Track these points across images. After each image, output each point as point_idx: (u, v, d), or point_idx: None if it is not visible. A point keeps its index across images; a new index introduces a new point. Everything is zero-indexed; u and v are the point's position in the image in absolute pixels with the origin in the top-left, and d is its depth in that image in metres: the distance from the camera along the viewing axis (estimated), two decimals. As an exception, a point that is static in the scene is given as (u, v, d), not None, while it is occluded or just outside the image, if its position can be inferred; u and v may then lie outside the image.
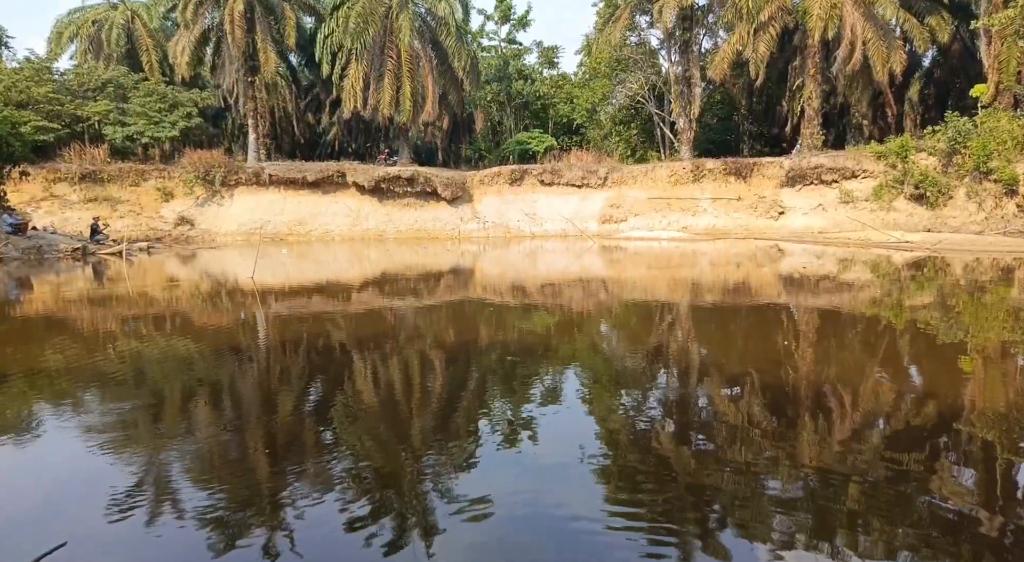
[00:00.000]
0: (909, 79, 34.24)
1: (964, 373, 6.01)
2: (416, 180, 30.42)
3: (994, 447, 4.12)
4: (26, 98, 29.10)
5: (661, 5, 30.43)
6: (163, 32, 37.49)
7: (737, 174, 29.27)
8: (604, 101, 39.11)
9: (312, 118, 43.39)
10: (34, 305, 11.28)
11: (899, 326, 8.55)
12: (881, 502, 3.34)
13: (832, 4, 28.08)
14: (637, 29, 35.91)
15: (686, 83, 32.77)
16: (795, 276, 14.37)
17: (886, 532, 3.05)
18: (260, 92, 33.74)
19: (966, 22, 30.80)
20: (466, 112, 41.66)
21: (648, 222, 29.36)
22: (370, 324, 9.18)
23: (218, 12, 32.40)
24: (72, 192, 28.68)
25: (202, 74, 36.26)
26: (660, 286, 13.38)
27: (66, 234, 24.39)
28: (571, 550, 2.93)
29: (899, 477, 3.64)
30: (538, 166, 32.15)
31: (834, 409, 4.96)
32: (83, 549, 2.98)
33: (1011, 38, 24.89)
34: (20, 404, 5.29)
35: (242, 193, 30.23)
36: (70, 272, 16.59)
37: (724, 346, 7.66)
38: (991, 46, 27.00)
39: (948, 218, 25.40)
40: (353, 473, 3.79)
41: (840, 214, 26.93)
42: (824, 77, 30.77)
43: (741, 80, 35.44)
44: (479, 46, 44.91)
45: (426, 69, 32.21)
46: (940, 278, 13.72)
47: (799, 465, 3.84)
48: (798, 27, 31.20)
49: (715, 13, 33.21)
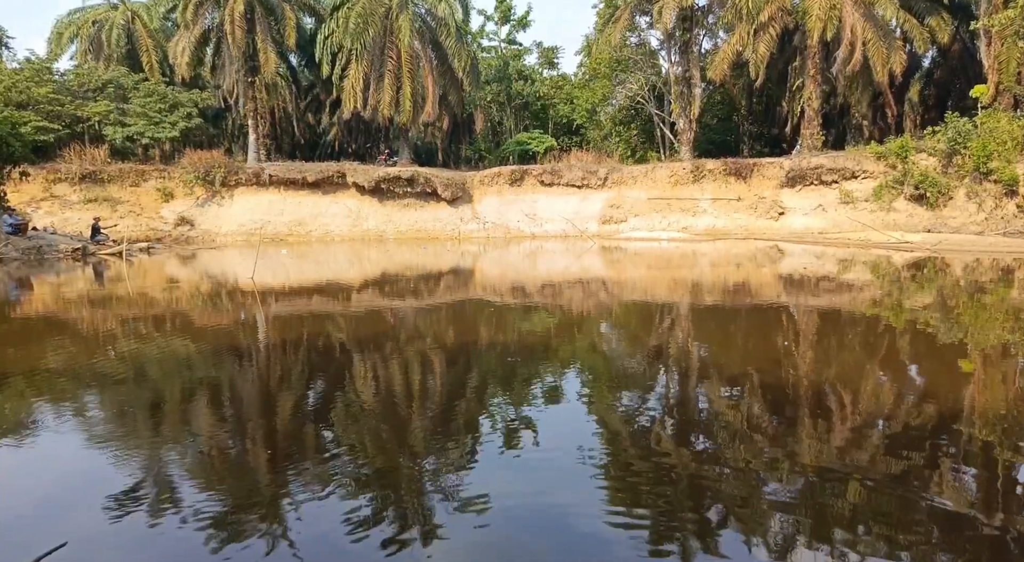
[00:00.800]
0: (909, 79, 34.25)
1: (964, 373, 6.01)
2: (416, 180, 30.42)
3: (994, 447, 4.12)
4: (26, 98, 29.11)
5: (661, 6, 30.43)
6: (163, 32, 37.49)
7: (737, 174, 29.27)
8: (604, 102, 39.13)
9: (312, 118, 43.40)
10: (34, 305, 11.28)
11: (899, 327, 8.55)
12: (881, 502, 3.34)
13: (832, 5, 28.08)
14: (637, 30, 35.92)
15: (686, 84, 32.78)
16: (795, 277, 14.37)
17: (886, 532, 3.05)
18: (260, 92, 33.75)
19: (966, 22, 30.80)
20: (466, 112, 41.66)
21: (648, 223, 29.35)
22: (370, 324, 9.18)
23: (218, 12, 32.40)
24: (72, 192, 28.69)
25: (202, 74, 36.25)
26: (660, 287, 13.38)
27: (66, 234, 24.39)
28: (571, 550, 2.93)
29: (899, 477, 3.64)
30: (538, 167, 32.14)
31: (834, 409, 4.96)
32: (83, 549, 2.98)
33: (1011, 38, 24.89)
34: (20, 404, 5.29)
35: (242, 193, 30.23)
36: (70, 272, 16.59)
37: (724, 346, 7.66)
38: (991, 46, 27.01)
39: (948, 219, 25.40)
40: (353, 473, 3.79)
41: (840, 214, 26.93)
42: (824, 77, 30.77)
43: (741, 80, 35.45)
44: (479, 46, 44.92)
45: (426, 69, 32.21)
46: (940, 279, 13.73)
47: (799, 465, 3.84)
48: (798, 28, 31.19)
49: (715, 14, 33.24)
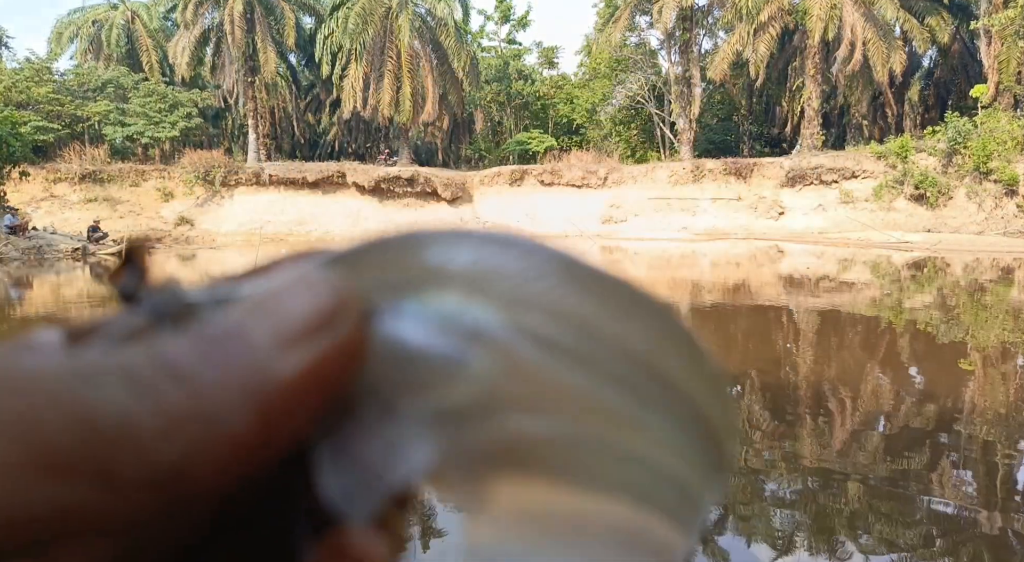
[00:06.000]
0: (909, 79, 34.25)
1: (964, 373, 6.01)
2: (416, 180, 30.42)
3: (994, 447, 4.12)
4: (26, 98, 29.11)
5: (661, 5, 30.43)
6: (163, 32, 37.52)
7: (737, 174, 29.26)
8: (604, 101, 39.11)
9: (312, 118, 43.41)
10: (34, 305, 11.28)
11: (899, 326, 8.55)
12: (881, 502, 3.34)
13: (832, 4, 28.08)
14: (637, 29, 35.91)
15: (686, 83, 32.77)
16: (795, 276, 14.37)
17: (886, 532, 3.05)
18: (260, 92, 33.76)
19: (966, 22, 30.80)
20: (466, 112, 41.65)
21: (648, 222, 29.34)
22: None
23: (218, 12, 32.42)
24: (72, 192, 28.68)
25: (202, 74, 36.27)
26: (660, 286, 13.38)
27: (66, 234, 24.39)
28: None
29: (898, 476, 3.64)
30: (538, 166, 32.13)
31: (833, 409, 4.96)
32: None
33: (1011, 38, 24.89)
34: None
35: (242, 193, 30.23)
36: (70, 272, 16.59)
37: (724, 346, 7.65)
38: (991, 46, 27.01)
39: (948, 218, 25.39)
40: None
41: (840, 214, 26.92)
42: (824, 77, 30.77)
43: (741, 80, 35.44)
44: (479, 46, 44.90)
45: (426, 69, 32.22)
46: (940, 278, 13.73)
47: (799, 464, 3.84)
48: (798, 27, 31.20)
49: (714, 16, 33.26)
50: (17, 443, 0.13)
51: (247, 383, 0.16)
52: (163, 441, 0.15)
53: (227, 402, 0.16)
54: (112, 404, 0.14)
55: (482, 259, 0.20)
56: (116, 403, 0.14)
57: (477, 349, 0.18)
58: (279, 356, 0.17)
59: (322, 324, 0.17)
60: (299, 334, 0.17)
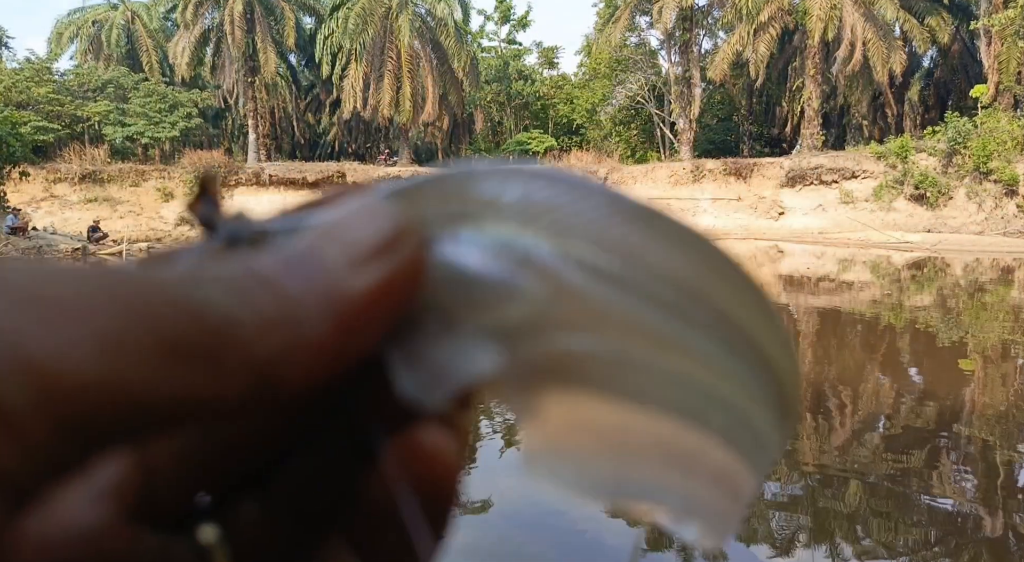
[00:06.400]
0: (909, 79, 34.23)
1: (963, 373, 6.00)
2: (416, 180, 30.40)
3: (994, 446, 4.11)
4: (26, 98, 29.10)
5: (661, 5, 30.42)
6: (163, 32, 37.52)
7: (737, 174, 29.25)
8: (604, 101, 39.09)
9: (312, 118, 43.39)
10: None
11: (899, 326, 8.54)
12: (881, 502, 3.33)
13: (832, 5, 28.07)
14: (637, 29, 35.92)
15: (686, 83, 32.76)
16: (795, 276, 14.36)
17: (886, 531, 3.05)
18: (260, 92, 33.75)
19: (966, 22, 30.79)
20: (466, 112, 41.64)
21: (648, 222, 29.30)
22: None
23: (218, 12, 32.42)
24: (72, 192, 28.66)
25: (202, 74, 36.26)
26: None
27: (66, 234, 24.39)
28: (571, 550, 2.92)
29: (899, 476, 3.63)
30: (538, 166, 32.09)
31: (833, 408, 4.95)
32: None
33: (1011, 38, 24.88)
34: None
35: (242, 193, 30.18)
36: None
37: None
38: (991, 46, 27.00)
39: (948, 218, 25.37)
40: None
41: (840, 214, 26.91)
42: (824, 77, 30.76)
43: (741, 80, 35.42)
44: (479, 46, 44.87)
45: (426, 69, 32.21)
46: (940, 278, 13.72)
47: (799, 464, 3.83)
48: (798, 28, 31.19)
49: (714, 16, 33.26)
50: (150, 334, 0.15)
51: (325, 296, 0.18)
52: (259, 338, 0.17)
53: (309, 311, 0.18)
54: (219, 304, 0.17)
55: (532, 192, 0.21)
56: (222, 304, 0.17)
57: (528, 274, 0.19)
58: (351, 274, 0.19)
59: (387, 247, 0.19)
60: (367, 256, 0.19)
